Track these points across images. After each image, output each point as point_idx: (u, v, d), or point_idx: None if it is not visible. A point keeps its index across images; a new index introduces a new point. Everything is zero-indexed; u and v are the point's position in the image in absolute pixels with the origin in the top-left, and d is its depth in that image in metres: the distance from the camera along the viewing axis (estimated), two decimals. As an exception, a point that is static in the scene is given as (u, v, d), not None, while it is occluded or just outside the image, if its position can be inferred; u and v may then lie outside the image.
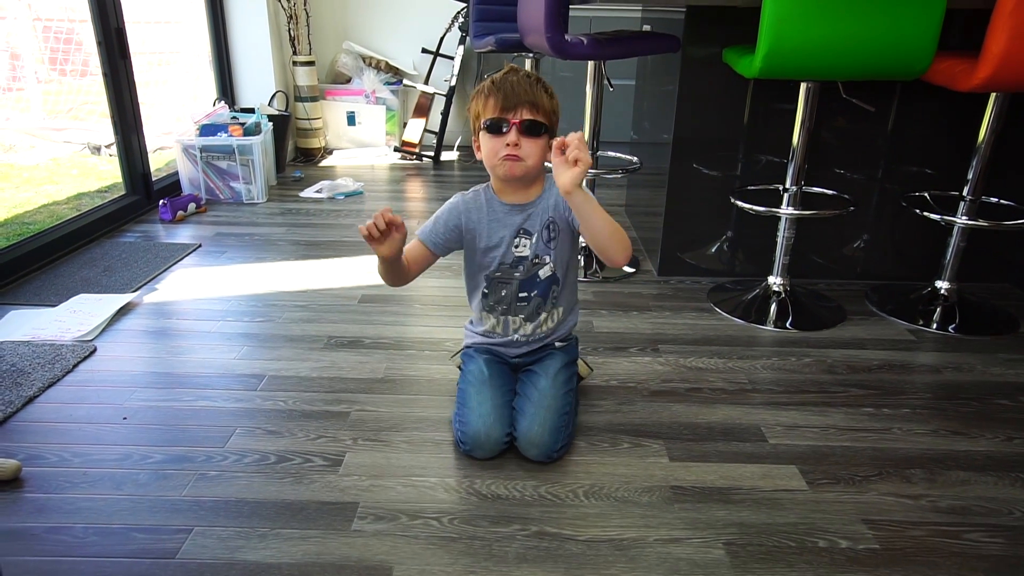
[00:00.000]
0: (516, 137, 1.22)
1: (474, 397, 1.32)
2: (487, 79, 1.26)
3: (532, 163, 1.26)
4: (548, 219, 1.32)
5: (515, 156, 1.24)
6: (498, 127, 1.23)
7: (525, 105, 1.21)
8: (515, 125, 1.22)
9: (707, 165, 2.10)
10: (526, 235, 1.33)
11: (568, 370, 1.39)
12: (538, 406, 1.29)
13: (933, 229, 2.01)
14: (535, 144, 1.24)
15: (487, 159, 1.27)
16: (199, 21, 3.40)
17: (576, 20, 3.35)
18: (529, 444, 1.27)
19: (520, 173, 1.27)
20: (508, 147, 1.23)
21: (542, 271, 1.34)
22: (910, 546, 1.11)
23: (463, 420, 1.31)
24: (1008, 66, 1.51)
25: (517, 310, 1.37)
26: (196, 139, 2.87)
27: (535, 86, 1.23)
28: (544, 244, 1.33)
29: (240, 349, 1.70)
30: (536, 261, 1.33)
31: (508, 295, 1.36)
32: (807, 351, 1.74)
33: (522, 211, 1.33)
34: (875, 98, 1.97)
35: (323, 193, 3.06)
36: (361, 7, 3.89)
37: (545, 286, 1.35)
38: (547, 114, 1.24)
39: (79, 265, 2.19)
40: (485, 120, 1.25)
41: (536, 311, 1.37)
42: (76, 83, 4.32)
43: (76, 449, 1.31)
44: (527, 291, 1.35)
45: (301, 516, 1.15)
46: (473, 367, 1.39)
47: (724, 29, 1.94)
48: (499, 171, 1.28)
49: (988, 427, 1.44)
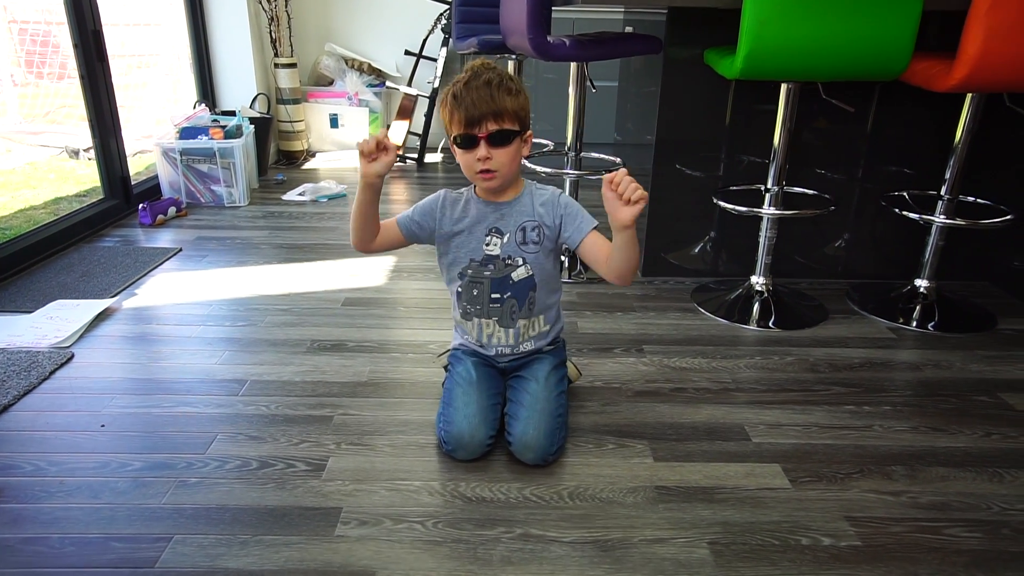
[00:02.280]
0: (486, 150, 1.22)
1: (460, 398, 1.32)
2: (450, 87, 1.24)
3: (507, 171, 1.25)
4: (527, 221, 1.31)
5: (488, 173, 1.24)
6: (467, 142, 1.23)
7: (488, 117, 1.20)
8: (483, 139, 1.21)
9: (690, 166, 2.11)
10: (497, 233, 1.32)
11: (558, 372, 1.38)
12: (531, 409, 1.29)
13: (912, 228, 2.03)
14: (506, 152, 1.23)
15: (465, 171, 1.28)
16: (179, 23, 3.36)
17: (559, 22, 3.35)
18: (525, 448, 1.26)
19: (497, 185, 1.28)
20: (480, 162, 1.23)
21: (515, 273, 1.32)
22: (891, 542, 1.12)
23: (448, 419, 1.30)
24: (983, 67, 1.53)
25: (490, 312, 1.35)
26: (176, 142, 2.84)
27: (497, 92, 1.20)
28: (517, 246, 1.32)
29: (221, 354, 1.69)
30: (508, 262, 1.32)
31: (480, 295, 1.34)
32: (790, 350, 1.76)
33: (496, 209, 1.32)
34: (854, 99, 2.00)
35: (306, 196, 3.04)
36: (343, 9, 3.87)
37: (520, 289, 1.33)
38: (514, 118, 1.23)
39: (56, 270, 2.16)
40: (454, 135, 1.25)
41: (511, 316, 1.35)
42: (53, 86, 4.25)
43: (53, 458, 1.29)
44: (500, 292, 1.33)
45: (284, 522, 1.14)
46: (461, 368, 1.38)
47: (705, 30, 1.95)
48: (479, 185, 1.31)
49: (967, 423, 1.45)
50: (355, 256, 2.35)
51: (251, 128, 3.07)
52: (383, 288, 2.10)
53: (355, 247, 1.36)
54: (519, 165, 1.30)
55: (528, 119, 1.28)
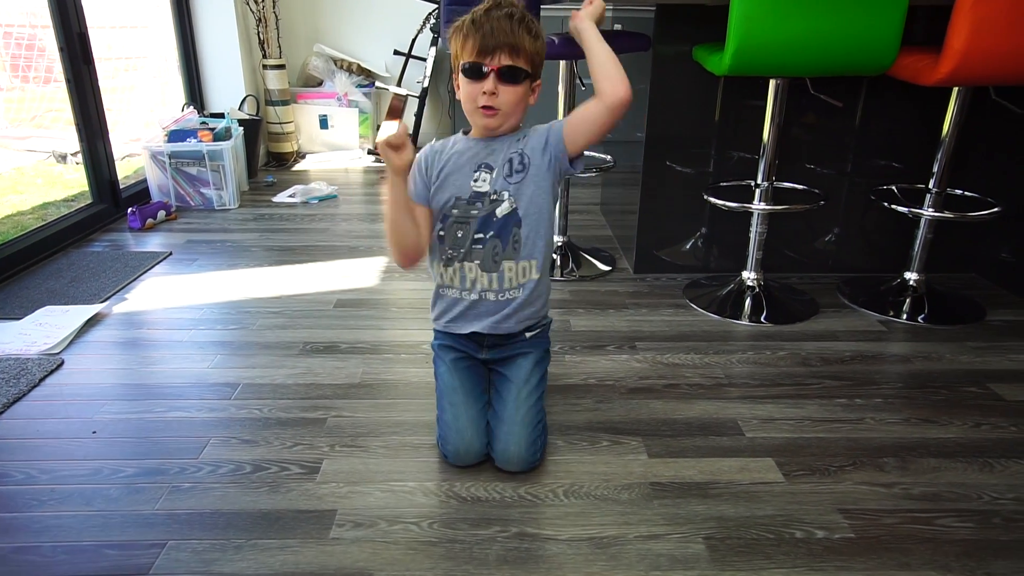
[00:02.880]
0: (493, 85, 1.16)
1: (448, 411, 1.29)
2: (470, 14, 1.17)
3: (510, 111, 1.20)
4: (511, 155, 1.25)
5: (491, 109, 1.18)
6: (475, 72, 1.16)
7: (504, 49, 1.14)
8: (493, 71, 1.15)
9: (680, 162, 2.12)
10: (487, 168, 1.25)
11: (539, 370, 1.35)
12: (511, 423, 1.26)
13: (901, 221, 2.05)
14: (514, 91, 1.18)
15: (465, 104, 1.22)
16: (166, 25, 3.34)
17: (548, 20, 3.35)
18: (507, 463, 1.25)
19: (497, 125, 1.22)
20: (485, 96, 1.16)
21: (499, 208, 1.24)
22: (884, 534, 1.13)
23: (442, 437, 1.29)
24: (969, 61, 1.54)
25: (473, 254, 1.26)
26: (165, 145, 2.82)
27: (518, 27, 1.15)
28: (504, 179, 1.25)
29: (213, 358, 1.68)
30: (495, 197, 1.25)
31: (464, 236, 1.26)
32: (781, 344, 1.77)
33: (487, 145, 1.26)
34: (843, 94, 2.01)
35: (296, 198, 3.03)
36: (331, 9, 3.85)
37: (503, 225, 1.25)
38: (529, 58, 1.17)
39: (45, 276, 2.14)
40: (463, 63, 1.18)
41: (493, 257, 1.26)
42: (40, 90, 4.22)
43: (43, 466, 1.28)
44: (482, 231, 1.25)
45: (278, 526, 1.13)
46: (443, 371, 1.35)
47: (694, 27, 1.95)
48: (476, 121, 1.23)
49: (957, 414, 1.46)
50: (347, 257, 2.34)
51: (240, 130, 3.05)
52: (375, 289, 2.10)
53: (407, 261, 1.28)
54: (523, 111, 1.24)
55: (541, 68, 1.22)
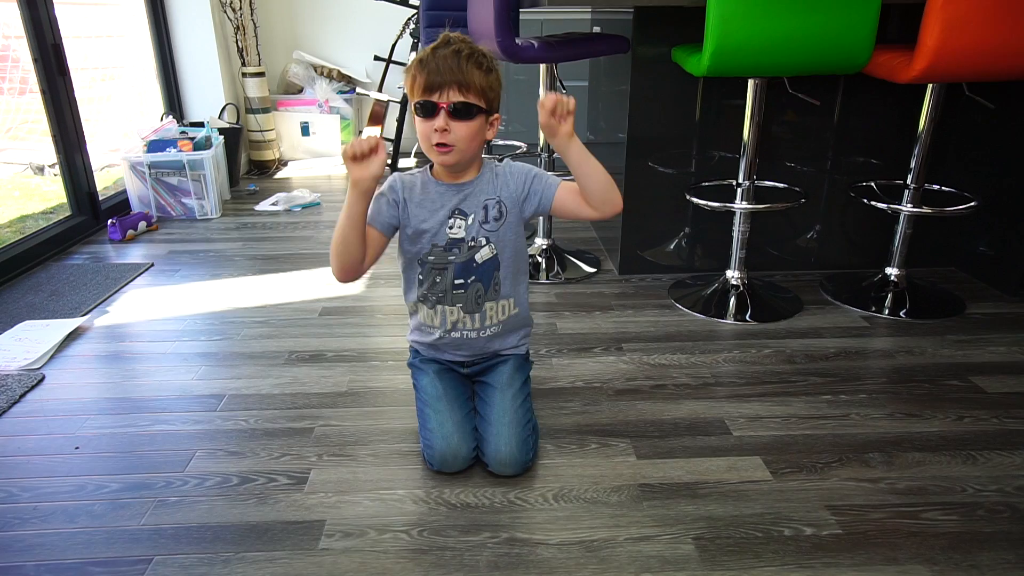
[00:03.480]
0: (444, 121, 1.15)
1: (433, 418, 1.28)
2: (420, 52, 1.19)
3: (465, 147, 1.19)
4: (488, 199, 1.26)
5: (445, 146, 1.18)
6: (426, 110, 1.16)
7: (452, 85, 1.13)
8: (443, 108, 1.15)
9: (662, 163, 2.13)
10: (461, 215, 1.26)
11: (521, 374, 1.35)
12: (499, 424, 1.26)
13: (881, 217, 2.07)
14: (467, 127, 1.17)
15: (421, 142, 1.22)
16: (143, 34, 3.31)
17: (527, 23, 3.36)
18: (500, 465, 1.24)
19: (452, 162, 1.21)
20: (437, 133, 1.16)
21: (479, 254, 1.26)
22: (871, 529, 1.14)
23: (427, 442, 1.27)
24: (942, 58, 1.57)
25: (453, 299, 1.28)
26: (144, 155, 2.79)
27: (466, 63, 1.14)
28: (480, 225, 1.26)
29: (198, 369, 1.66)
30: (472, 244, 1.26)
31: (443, 282, 1.27)
32: (766, 342, 1.78)
33: (459, 191, 1.26)
34: (820, 92, 2.03)
35: (279, 206, 3.01)
36: (310, 16, 3.84)
37: (485, 271, 1.27)
38: (480, 93, 1.16)
39: (24, 290, 2.11)
40: (414, 102, 1.18)
41: (476, 300, 1.28)
42: (14, 101, 4.16)
43: (25, 483, 1.26)
44: (463, 277, 1.26)
45: (266, 537, 1.12)
46: (425, 382, 1.34)
47: (672, 29, 1.97)
48: (433, 158, 1.23)
49: (940, 408, 1.48)
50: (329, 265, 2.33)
51: (220, 139, 3.03)
52: (360, 296, 2.09)
53: (344, 277, 1.25)
54: (480, 146, 1.23)
55: (497, 101, 1.22)
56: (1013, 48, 1.55)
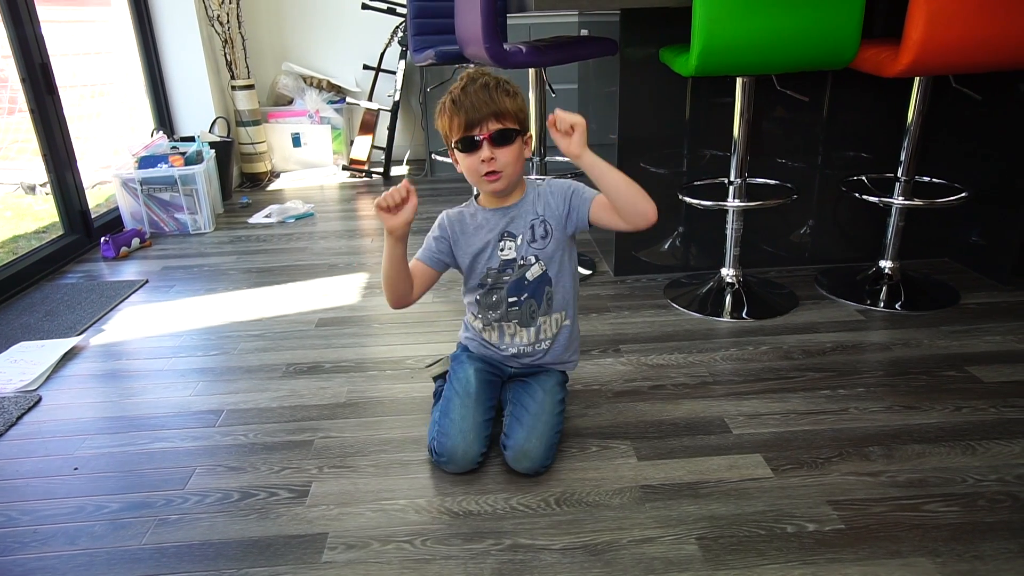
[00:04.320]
0: (489, 151, 1.21)
1: (457, 410, 1.31)
2: (447, 95, 1.24)
3: (511, 171, 1.24)
4: (533, 219, 1.30)
5: (494, 173, 1.23)
6: (469, 145, 1.22)
7: (489, 117, 1.20)
8: (485, 139, 1.21)
9: (654, 163, 2.13)
10: (511, 237, 1.31)
11: (563, 389, 1.39)
12: (536, 419, 1.29)
13: (873, 211, 2.08)
14: (510, 152, 1.23)
15: (469, 177, 1.27)
16: (131, 51, 3.30)
17: (514, 28, 3.36)
18: (523, 455, 1.26)
19: (503, 187, 1.26)
20: (484, 163, 1.21)
21: (529, 272, 1.31)
22: (873, 523, 1.14)
23: (443, 431, 1.29)
24: (927, 51, 1.58)
25: (510, 315, 1.34)
26: (136, 172, 2.79)
27: (495, 93, 1.21)
28: (528, 245, 1.30)
29: (195, 385, 1.66)
30: (522, 263, 1.31)
31: (499, 300, 1.33)
32: (763, 339, 1.78)
33: (505, 214, 1.31)
34: (808, 88, 2.04)
35: (272, 217, 3.01)
36: (298, 27, 3.84)
37: (536, 287, 1.32)
38: (514, 117, 1.22)
39: (18, 311, 2.10)
40: (455, 141, 1.24)
41: (531, 315, 1.33)
42: (4, 121, 4.15)
43: (24, 506, 1.25)
44: (516, 295, 1.32)
45: (269, 552, 1.12)
46: (462, 375, 1.37)
47: (659, 30, 1.97)
48: (484, 188, 1.28)
49: (938, 399, 1.49)
50: (326, 275, 2.33)
51: (212, 153, 3.02)
52: (356, 306, 2.09)
53: (396, 307, 1.33)
54: (523, 166, 1.29)
55: (527, 121, 1.28)
56: (998, 40, 1.56)
